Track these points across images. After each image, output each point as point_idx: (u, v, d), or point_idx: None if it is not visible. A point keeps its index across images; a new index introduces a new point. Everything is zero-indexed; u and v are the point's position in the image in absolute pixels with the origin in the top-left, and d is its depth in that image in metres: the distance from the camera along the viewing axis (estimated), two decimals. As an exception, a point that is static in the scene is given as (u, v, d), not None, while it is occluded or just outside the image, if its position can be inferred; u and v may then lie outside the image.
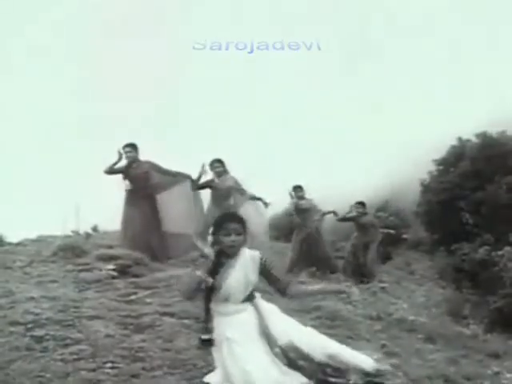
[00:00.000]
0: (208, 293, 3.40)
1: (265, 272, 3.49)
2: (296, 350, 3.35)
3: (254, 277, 3.48)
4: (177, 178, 8.18)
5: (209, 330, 3.39)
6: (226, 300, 3.43)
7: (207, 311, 3.42)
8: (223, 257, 3.48)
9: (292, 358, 3.33)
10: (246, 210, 8.01)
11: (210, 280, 3.37)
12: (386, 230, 11.18)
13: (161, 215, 8.00)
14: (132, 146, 7.98)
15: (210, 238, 3.57)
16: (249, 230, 3.59)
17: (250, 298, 3.49)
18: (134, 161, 7.94)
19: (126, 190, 7.97)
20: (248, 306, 3.48)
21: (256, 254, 3.55)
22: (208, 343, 3.37)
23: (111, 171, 7.91)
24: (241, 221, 3.54)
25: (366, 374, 3.46)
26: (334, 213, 10.31)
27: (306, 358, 3.33)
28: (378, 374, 3.50)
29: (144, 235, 7.72)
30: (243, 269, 3.47)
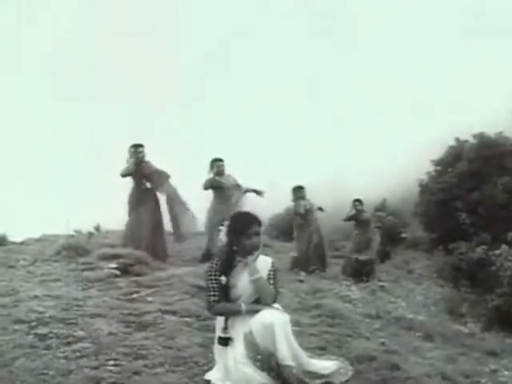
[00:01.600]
0: (224, 292, 3.46)
1: (270, 279, 3.55)
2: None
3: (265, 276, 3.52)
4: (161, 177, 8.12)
5: (228, 328, 3.44)
6: (238, 299, 3.48)
7: None
8: (237, 257, 3.53)
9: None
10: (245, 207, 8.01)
11: (224, 279, 3.43)
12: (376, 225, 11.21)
13: (163, 215, 8.04)
14: (142, 147, 7.97)
15: (224, 238, 3.59)
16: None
17: (259, 301, 3.51)
18: (142, 161, 7.93)
19: (133, 189, 7.94)
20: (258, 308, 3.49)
21: (268, 259, 3.63)
22: (225, 342, 3.42)
23: (127, 173, 7.87)
24: (260, 222, 3.61)
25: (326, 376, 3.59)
26: (320, 208, 10.17)
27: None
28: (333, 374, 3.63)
29: (151, 235, 7.74)
30: (258, 267, 3.53)
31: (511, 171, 15.82)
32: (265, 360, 3.29)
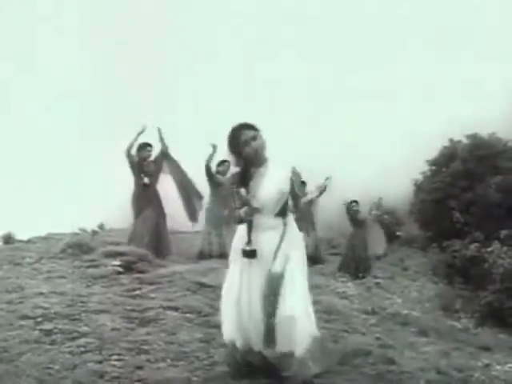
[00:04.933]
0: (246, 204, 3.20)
1: (293, 184, 3.34)
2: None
3: (285, 186, 3.31)
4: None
5: (251, 242, 3.19)
6: (261, 211, 3.23)
7: (249, 223, 3.22)
8: (251, 168, 3.29)
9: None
10: None
11: (243, 190, 3.19)
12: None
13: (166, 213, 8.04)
14: (151, 146, 7.93)
15: (231, 158, 3.36)
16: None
17: (282, 214, 3.32)
18: (145, 159, 7.91)
19: (143, 185, 7.88)
20: (280, 223, 3.30)
21: (287, 165, 3.40)
22: (252, 254, 3.18)
23: (129, 160, 7.76)
24: (252, 126, 3.31)
25: None
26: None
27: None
28: None
29: (157, 233, 7.74)
30: (274, 177, 3.30)
31: (504, 171, 15.82)
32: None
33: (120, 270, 6.43)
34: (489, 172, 15.83)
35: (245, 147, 3.23)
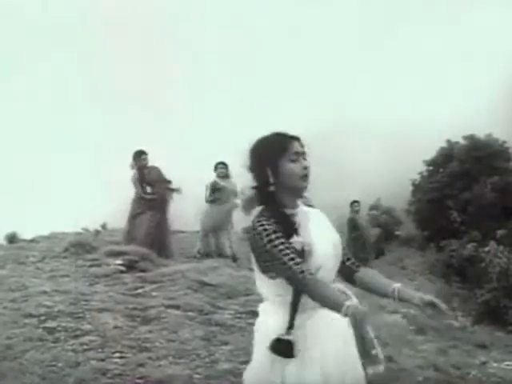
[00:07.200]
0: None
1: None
2: None
3: (338, 237, 2.05)
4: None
5: (292, 328, 1.86)
6: (317, 273, 1.91)
7: (295, 299, 1.92)
8: (284, 207, 1.97)
9: None
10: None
11: (300, 241, 1.88)
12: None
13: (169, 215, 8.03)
14: (145, 154, 7.89)
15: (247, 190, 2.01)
16: None
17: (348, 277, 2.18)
18: (145, 167, 7.86)
19: (136, 194, 7.85)
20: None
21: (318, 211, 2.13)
22: (284, 349, 1.83)
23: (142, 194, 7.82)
24: (299, 139, 2.01)
25: None
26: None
27: None
28: None
29: (160, 235, 7.72)
30: (323, 222, 2.07)
31: (500, 171, 15.85)
32: None
33: (122, 268, 6.43)
34: (486, 172, 15.85)
35: (290, 162, 1.94)
